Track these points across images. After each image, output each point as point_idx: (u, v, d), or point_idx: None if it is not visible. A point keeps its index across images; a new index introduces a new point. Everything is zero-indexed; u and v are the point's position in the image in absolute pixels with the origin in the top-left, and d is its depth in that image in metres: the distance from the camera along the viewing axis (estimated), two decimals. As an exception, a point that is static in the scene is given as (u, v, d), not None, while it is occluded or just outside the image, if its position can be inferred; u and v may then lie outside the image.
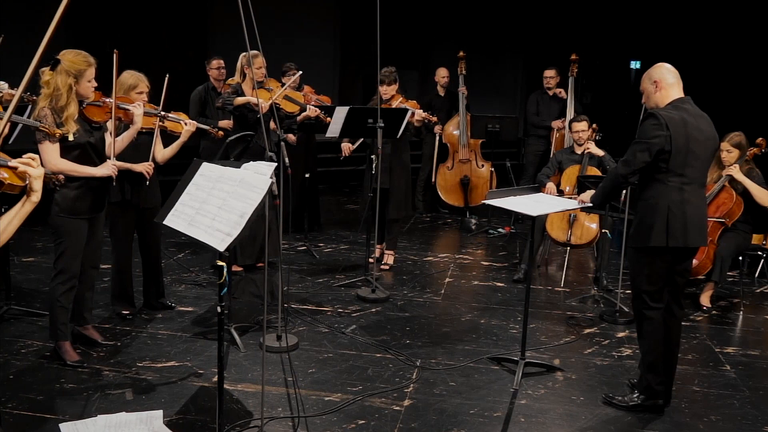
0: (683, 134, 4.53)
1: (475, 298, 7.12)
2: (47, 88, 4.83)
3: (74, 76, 4.85)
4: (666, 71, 4.75)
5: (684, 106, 4.65)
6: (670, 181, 4.59)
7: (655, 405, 4.83)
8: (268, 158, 4.79)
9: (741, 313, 6.99)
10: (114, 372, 5.10)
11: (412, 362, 5.48)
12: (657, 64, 4.81)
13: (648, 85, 4.80)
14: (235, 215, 3.69)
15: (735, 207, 6.77)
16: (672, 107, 4.64)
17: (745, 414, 4.88)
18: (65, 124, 4.85)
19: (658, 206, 4.61)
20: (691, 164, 4.59)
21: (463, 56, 10.56)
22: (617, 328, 6.38)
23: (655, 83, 4.73)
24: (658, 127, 4.53)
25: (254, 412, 4.61)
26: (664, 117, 4.54)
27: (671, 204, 4.58)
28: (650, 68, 4.85)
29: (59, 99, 4.83)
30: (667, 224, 4.58)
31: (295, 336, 5.83)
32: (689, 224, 4.61)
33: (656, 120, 4.55)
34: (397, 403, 4.81)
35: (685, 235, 4.62)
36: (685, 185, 4.60)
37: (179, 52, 12.26)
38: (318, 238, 9.11)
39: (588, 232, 7.41)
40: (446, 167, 10.62)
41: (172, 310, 6.35)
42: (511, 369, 5.39)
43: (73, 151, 4.97)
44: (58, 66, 4.76)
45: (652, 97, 4.77)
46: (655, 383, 4.81)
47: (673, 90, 4.71)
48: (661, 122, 4.52)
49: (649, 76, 4.80)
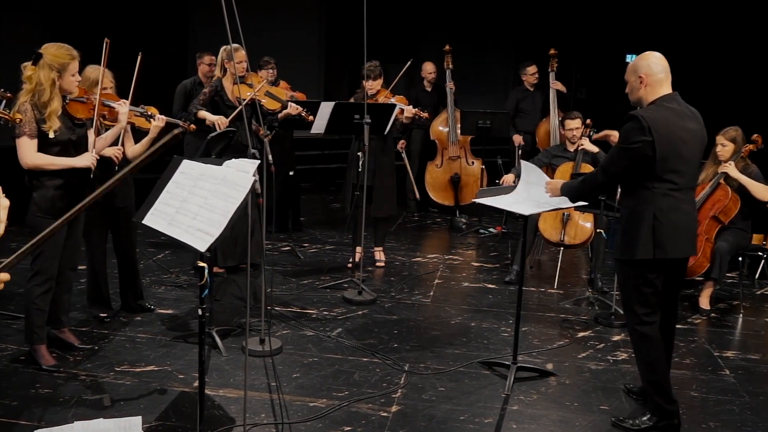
0: (668, 138, 4.21)
1: (466, 300, 7.02)
2: (29, 84, 4.76)
3: (57, 71, 4.77)
4: (654, 64, 4.37)
5: (670, 105, 4.33)
6: (656, 188, 4.28)
7: (670, 426, 4.53)
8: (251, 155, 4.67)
9: (741, 315, 6.90)
10: (91, 377, 5.02)
11: (399, 367, 5.39)
12: (644, 55, 4.44)
13: (632, 79, 4.44)
14: (216, 214, 3.62)
15: (731, 204, 6.65)
16: (656, 106, 4.31)
17: (745, 420, 4.78)
18: (48, 121, 4.77)
19: (643, 215, 4.31)
20: (677, 169, 4.28)
21: (449, 50, 10.42)
22: (612, 331, 6.27)
23: (640, 78, 4.37)
24: (640, 131, 4.20)
25: (236, 418, 4.53)
26: (647, 119, 4.21)
27: (657, 212, 4.28)
28: (637, 58, 4.47)
29: (42, 94, 4.74)
30: (653, 234, 4.29)
31: (279, 339, 5.74)
32: (678, 233, 4.32)
33: (638, 123, 4.22)
34: (385, 409, 4.72)
35: (674, 246, 4.33)
36: (672, 191, 4.29)
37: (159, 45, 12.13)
38: (302, 238, 9.01)
39: (582, 232, 7.30)
40: (435, 165, 10.47)
41: (151, 313, 6.24)
42: (502, 374, 5.28)
43: (54, 147, 4.87)
44: (41, 60, 4.69)
45: (636, 93, 4.43)
46: (666, 403, 4.51)
47: (661, 87, 4.36)
48: (644, 125, 4.19)
49: (635, 68, 4.42)
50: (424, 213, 10.81)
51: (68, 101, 4.94)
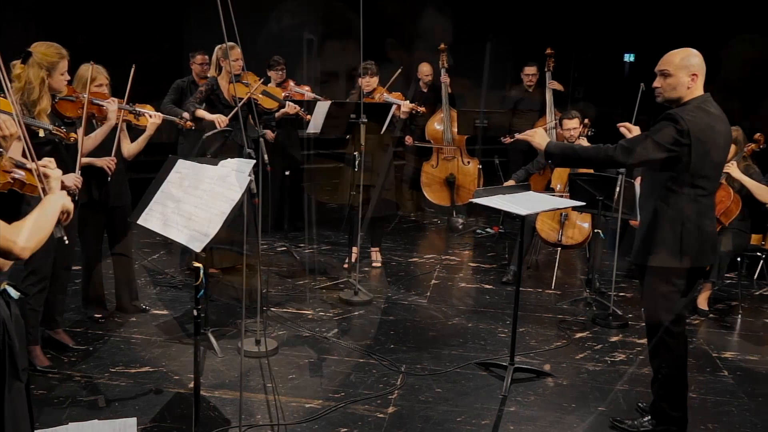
0: (704, 143, 4.01)
1: (463, 300, 6.99)
2: (18, 82, 4.70)
3: (47, 69, 4.73)
4: (702, 63, 4.16)
5: (710, 109, 4.11)
6: (685, 192, 4.10)
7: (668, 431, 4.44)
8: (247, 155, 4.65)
9: (739, 316, 6.88)
10: (86, 378, 4.98)
11: (396, 368, 5.37)
12: (694, 51, 4.19)
13: (681, 75, 4.14)
14: (212, 214, 3.59)
15: (733, 206, 6.61)
16: (695, 108, 4.09)
17: (744, 422, 4.76)
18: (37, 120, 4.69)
19: (671, 219, 4.13)
20: (708, 174, 4.11)
21: (444, 48, 10.36)
22: (610, 332, 6.25)
23: (693, 76, 4.13)
24: (680, 134, 3.98)
25: (232, 419, 4.51)
26: (688, 123, 3.99)
27: (686, 219, 4.10)
28: (688, 53, 4.19)
29: (31, 93, 4.68)
30: (681, 242, 4.11)
31: (275, 340, 5.70)
32: (704, 241, 4.15)
33: (678, 126, 4.00)
34: (381, 411, 4.69)
35: (700, 254, 4.16)
36: (701, 197, 4.11)
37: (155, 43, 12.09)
38: (299, 238, 8.96)
39: (580, 232, 7.27)
40: (431, 165, 10.42)
41: (146, 314, 6.21)
42: (499, 375, 5.26)
43: (44, 147, 4.81)
44: (30, 59, 4.65)
45: (680, 90, 4.15)
46: (671, 410, 4.37)
47: (701, 88, 4.18)
48: (683, 129, 3.98)
49: (688, 64, 4.14)
50: (420, 213, 10.77)
51: (57, 100, 4.92)
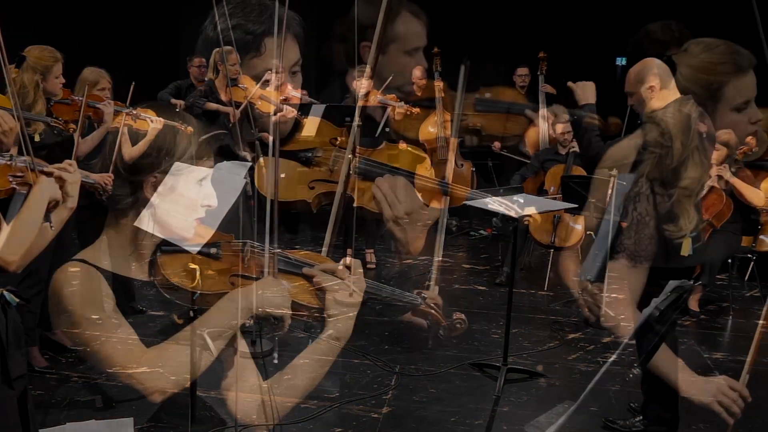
0: (686, 144, 3.84)
1: (456, 302, 7.02)
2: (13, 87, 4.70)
3: (41, 73, 4.75)
4: (658, 68, 4.17)
5: (689, 112, 3.89)
6: (669, 194, 3.92)
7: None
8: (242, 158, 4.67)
9: (730, 317, 6.91)
10: (83, 378, 5.01)
11: (390, 368, 5.40)
12: (645, 63, 4.24)
13: (643, 92, 4.22)
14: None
15: (725, 208, 6.61)
16: (675, 109, 3.90)
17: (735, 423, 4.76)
18: (32, 124, 4.73)
19: (655, 221, 3.95)
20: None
21: (437, 52, 10.36)
22: (602, 333, 6.25)
23: (651, 87, 4.20)
24: (661, 136, 3.81)
25: (228, 419, 4.49)
26: (669, 124, 3.84)
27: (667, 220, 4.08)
28: (638, 67, 4.26)
29: (26, 97, 4.71)
30: (666, 241, 3.91)
31: (270, 341, 5.69)
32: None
33: (659, 128, 3.82)
34: (376, 411, 4.74)
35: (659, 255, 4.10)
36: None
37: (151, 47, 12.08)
38: (294, 239, 8.96)
39: (573, 234, 7.29)
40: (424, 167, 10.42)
41: (142, 315, 6.17)
42: (492, 375, 5.30)
43: (40, 151, 4.81)
44: (24, 63, 4.67)
45: (648, 103, 4.17)
46: (663, 410, 4.29)
47: (671, 92, 4.00)
48: (664, 131, 3.80)
49: (641, 79, 4.23)
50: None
51: (53, 104, 4.93)
